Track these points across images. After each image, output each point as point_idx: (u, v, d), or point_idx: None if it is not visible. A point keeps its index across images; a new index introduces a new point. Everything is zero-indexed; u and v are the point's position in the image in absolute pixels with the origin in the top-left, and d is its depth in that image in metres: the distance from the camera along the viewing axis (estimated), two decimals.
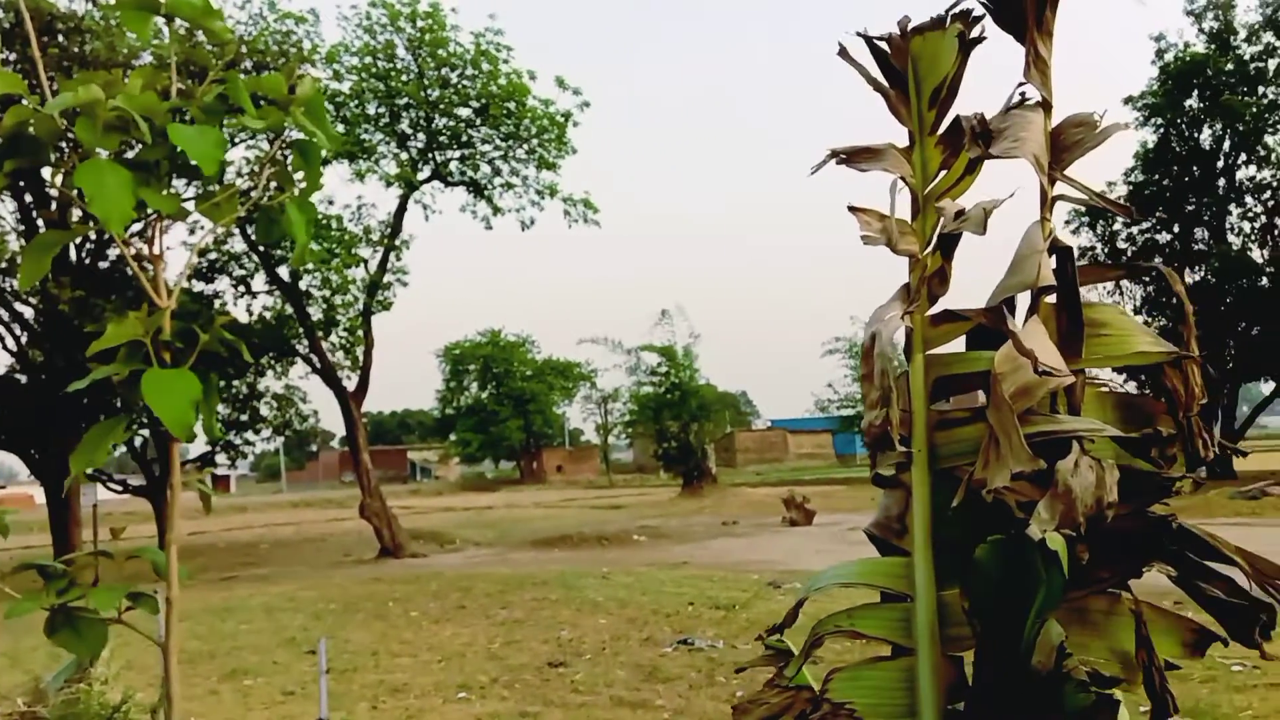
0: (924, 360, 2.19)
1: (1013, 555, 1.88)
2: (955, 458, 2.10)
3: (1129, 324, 2.18)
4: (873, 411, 2.08)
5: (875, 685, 2.11)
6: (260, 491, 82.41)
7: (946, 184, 2.27)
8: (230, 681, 10.21)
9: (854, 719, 2.06)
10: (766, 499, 34.25)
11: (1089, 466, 1.88)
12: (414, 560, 23.25)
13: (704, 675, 9.32)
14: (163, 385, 1.79)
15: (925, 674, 2.05)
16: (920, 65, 2.25)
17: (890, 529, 2.23)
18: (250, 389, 29.44)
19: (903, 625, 2.12)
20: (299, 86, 1.98)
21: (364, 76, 24.37)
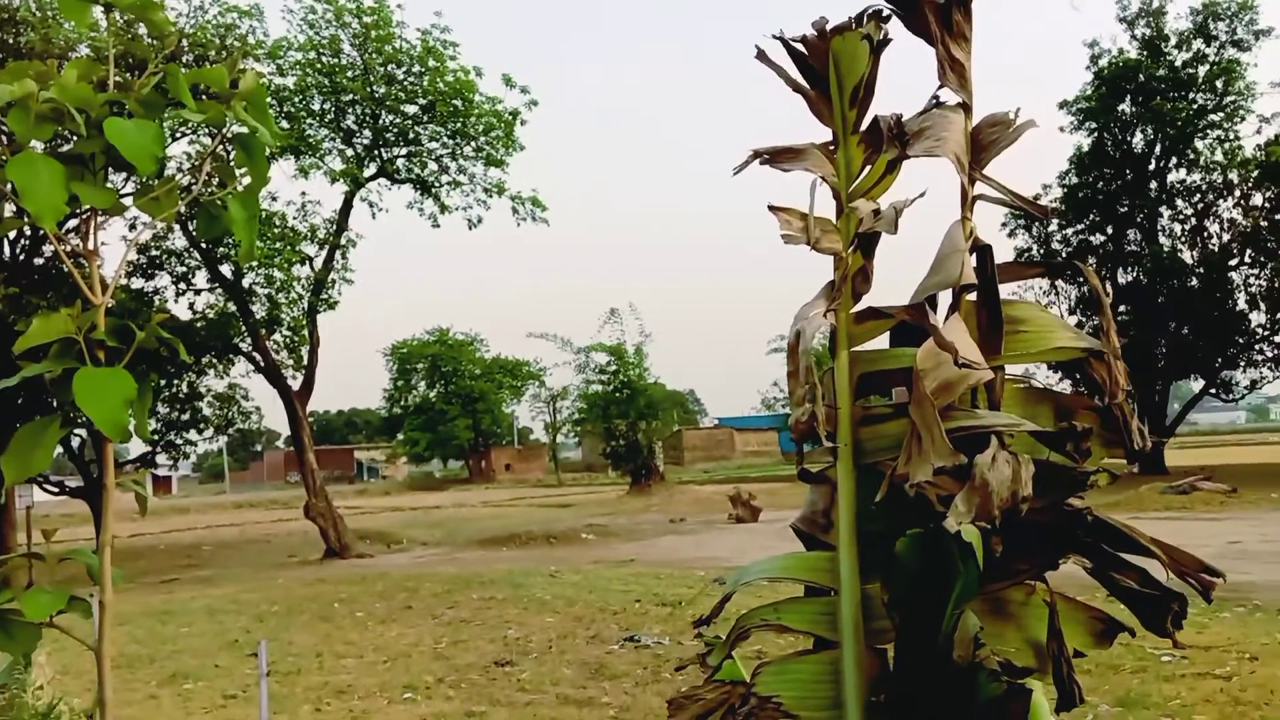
0: (848, 357, 2.22)
1: (932, 548, 1.90)
2: (879, 453, 2.12)
3: (1049, 320, 2.22)
4: (799, 408, 2.10)
5: (801, 678, 2.12)
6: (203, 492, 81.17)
7: (868, 183, 2.30)
8: (170, 685, 10.06)
9: (780, 712, 2.08)
10: (713, 496, 34.43)
11: (1005, 461, 1.90)
12: (360, 561, 23.05)
13: (650, 672, 9.36)
14: (95, 384, 1.75)
15: (849, 666, 2.07)
16: (840, 65, 2.27)
17: (816, 524, 2.26)
18: (191, 388, 29.00)
19: (827, 619, 2.14)
20: (241, 80, 1.95)
21: (309, 72, 24.08)
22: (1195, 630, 9.42)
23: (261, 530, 35.81)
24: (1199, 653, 8.68)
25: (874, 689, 2.06)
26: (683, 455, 69.50)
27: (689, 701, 2.32)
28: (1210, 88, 33.80)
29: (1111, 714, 7.09)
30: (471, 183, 25.78)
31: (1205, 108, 33.92)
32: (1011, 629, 2.09)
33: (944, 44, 2.22)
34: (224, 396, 30.57)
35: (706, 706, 2.28)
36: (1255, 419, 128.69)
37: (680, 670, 6.22)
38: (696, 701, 2.31)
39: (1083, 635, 2.11)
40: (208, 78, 1.95)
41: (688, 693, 2.34)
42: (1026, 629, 2.08)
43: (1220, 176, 34.35)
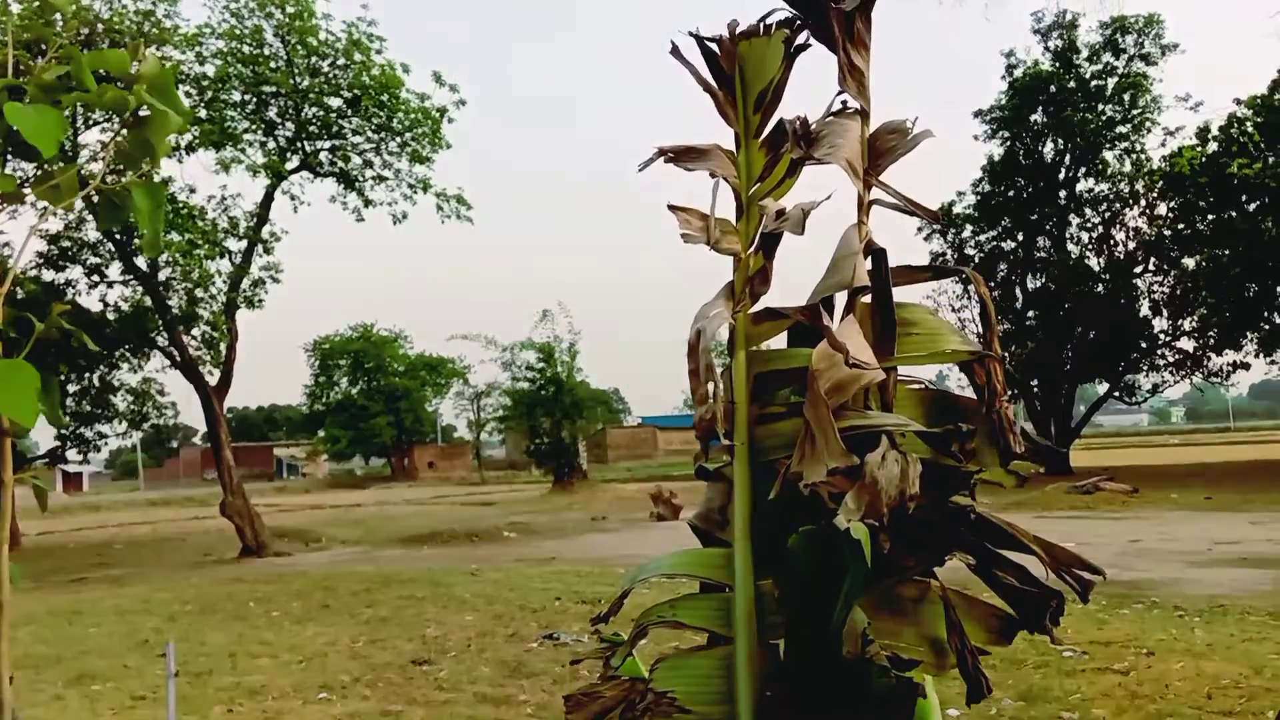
0: (745, 356, 2.27)
1: (822, 545, 1.92)
2: (774, 451, 2.15)
3: (939, 324, 2.28)
4: (700, 407, 2.12)
5: (696, 673, 2.15)
6: (116, 490, 79.02)
7: (769, 185, 2.34)
8: (77, 687, 9.84)
9: (675, 707, 2.11)
10: (636, 495, 34.56)
11: (895, 459, 1.95)
12: (278, 559, 22.69)
13: (569, 670, 9.40)
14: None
15: (742, 661, 2.10)
16: (746, 69, 2.31)
17: (712, 520, 2.29)
18: (103, 381, 28.30)
19: (722, 615, 2.17)
20: (144, 64, 1.91)
21: (230, 61, 23.60)
22: (1095, 626, 9.78)
23: (176, 529, 35.02)
24: (1099, 648, 9.00)
25: (766, 684, 2.09)
26: (607, 454, 69.65)
27: (588, 699, 2.32)
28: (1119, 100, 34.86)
29: (1015, 708, 7.33)
30: (396, 178, 25.54)
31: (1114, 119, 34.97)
32: (908, 627, 2.14)
33: (845, 50, 2.27)
34: (138, 391, 29.91)
35: (605, 704, 2.29)
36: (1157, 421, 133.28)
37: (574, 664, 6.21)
38: (596, 699, 2.31)
39: (983, 632, 2.16)
40: (109, 61, 1.90)
41: (586, 690, 2.35)
42: (924, 626, 2.13)
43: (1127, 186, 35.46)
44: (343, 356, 71.74)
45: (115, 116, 1.98)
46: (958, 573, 2.16)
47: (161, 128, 1.96)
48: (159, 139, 1.97)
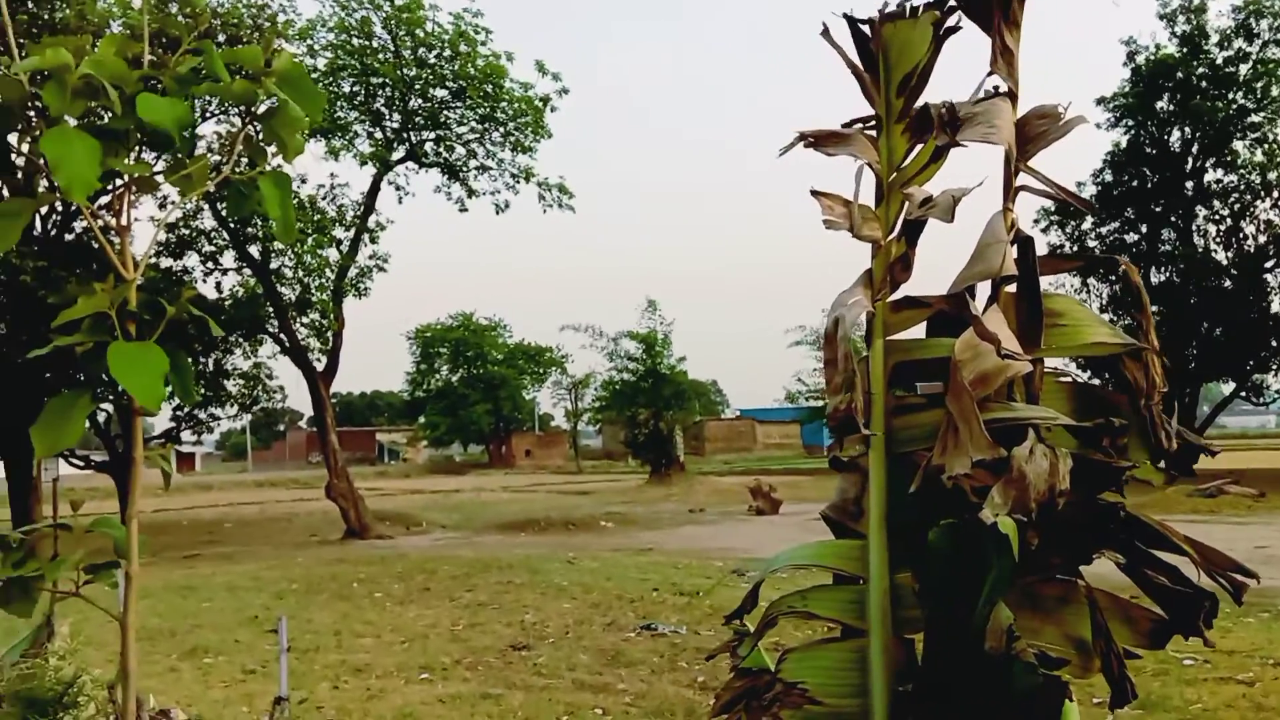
0: (884, 346, 2.20)
1: (965, 539, 1.88)
2: (913, 442, 2.10)
3: (1087, 315, 2.19)
4: (836, 396, 2.08)
5: (826, 665, 2.12)
6: (226, 470, 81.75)
7: (912, 171, 2.26)
8: (190, 659, 10.15)
9: (805, 698, 2.08)
10: (733, 488, 34.36)
11: (1043, 454, 1.89)
12: (379, 542, 23.17)
13: (666, 660, 9.37)
14: (129, 358, 1.75)
15: (876, 655, 2.06)
16: (891, 52, 2.24)
17: (846, 512, 2.25)
18: (217, 366, 29.19)
19: (855, 607, 2.13)
20: (275, 60, 1.95)
21: (339, 54, 24.12)
22: (1219, 634, 9.33)
23: (283, 509, 36.07)
24: (1222, 657, 8.60)
25: (901, 678, 2.05)
26: (704, 446, 69.36)
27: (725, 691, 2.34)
28: (1251, 88, 33.26)
29: (1132, 716, 7.02)
30: (499, 168, 25.82)
31: (1245, 108, 33.38)
32: (1050, 626, 2.07)
33: (1000, 32, 2.19)
34: (249, 375, 30.77)
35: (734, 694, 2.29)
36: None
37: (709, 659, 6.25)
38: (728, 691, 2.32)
39: (1132, 635, 2.09)
40: (243, 57, 1.94)
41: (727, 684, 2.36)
42: (1067, 626, 2.06)
43: (1258, 177, 33.83)
44: (443, 344, 72.81)
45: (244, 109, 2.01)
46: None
47: (291, 121, 2.00)
48: (288, 132, 2.01)
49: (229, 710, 7.79)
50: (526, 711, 7.89)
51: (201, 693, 8.69)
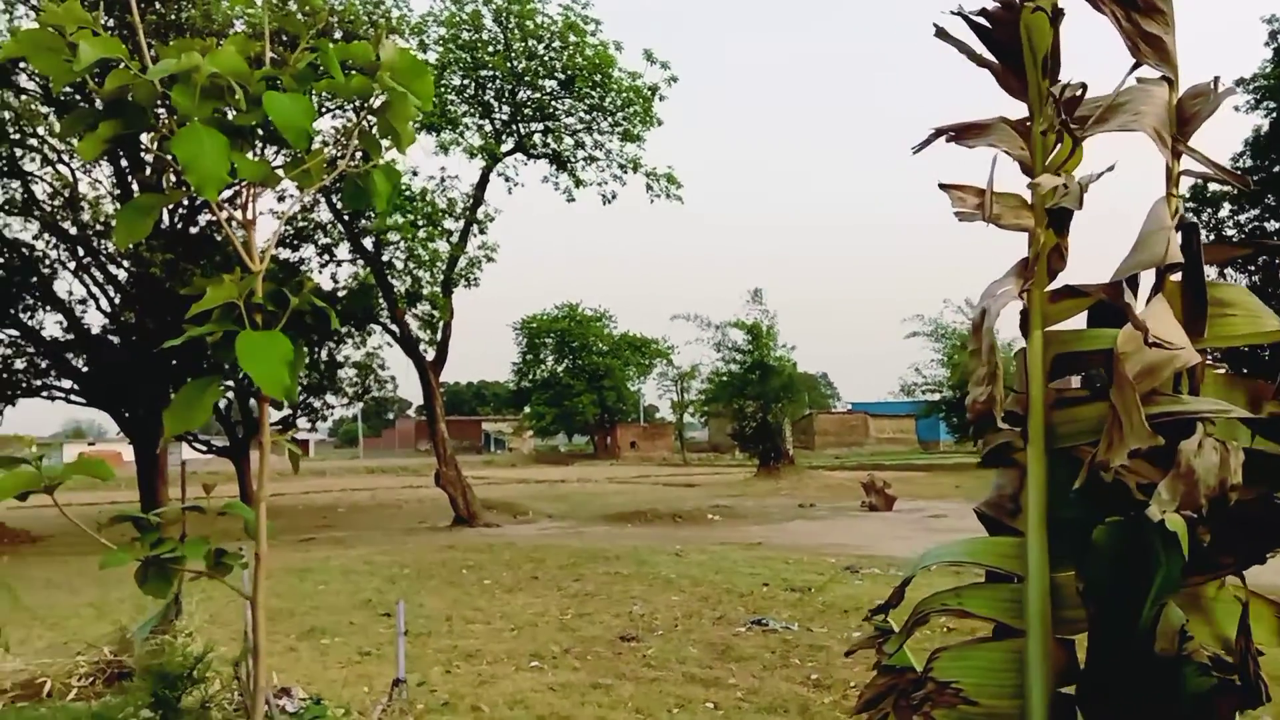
0: (1042, 337, 2.13)
1: (1131, 537, 1.86)
2: (1073, 437, 2.05)
3: (1257, 304, 2.11)
4: (979, 388, 2.05)
5: (982, 665, 2.07)
6: (338, 457, 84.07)
7: (1061, 157, 2.19)
8: (308, 639, 10.38)
9: (960, 698, 2.04)
10: (845, 483, 33.87)
11: (1213, 448, 1.84)
12: (487, 530, 23.46)
13: (778, 657, 9.21)
14: (257, 347, 1.81)
15: (1035, 656, 2.02)
16: (1034, 36, 2.17)
17: (1003, 508, 2.18)
18: (331, 356, 29.97)
19: (1012, 606, 2.08)
20: (383, 52, 1.99)
21: (450, 47, 24.42)
22: None
23: (393, 495, 36.86)
24: None
25: (1060, 679, 2.01)
26: (813, 440, 68.51)
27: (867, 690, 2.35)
28: None
29: None
30: (607, 158, 25.83)
31: None
32: (1201, 623, 2.00)
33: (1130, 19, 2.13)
34: (362, 365, 31.52)
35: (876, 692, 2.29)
36: None
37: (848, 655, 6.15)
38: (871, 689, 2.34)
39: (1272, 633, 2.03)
40: (354, 53, 1.99)
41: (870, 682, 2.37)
42: (1216, 624, 2.00)
43: None
44: (549, 335, 73.52)
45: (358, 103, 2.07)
46: None
47: (403, 113, 2.05)
48: (401, 124, 2.06)
49: (347, 690, 7.89)
50: (637, 703, 7.82)
51: (320, 672, 8.84)
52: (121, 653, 8.73)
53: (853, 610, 11.17)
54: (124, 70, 1.79)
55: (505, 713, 7.61)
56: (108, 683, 8.28)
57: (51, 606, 12.18)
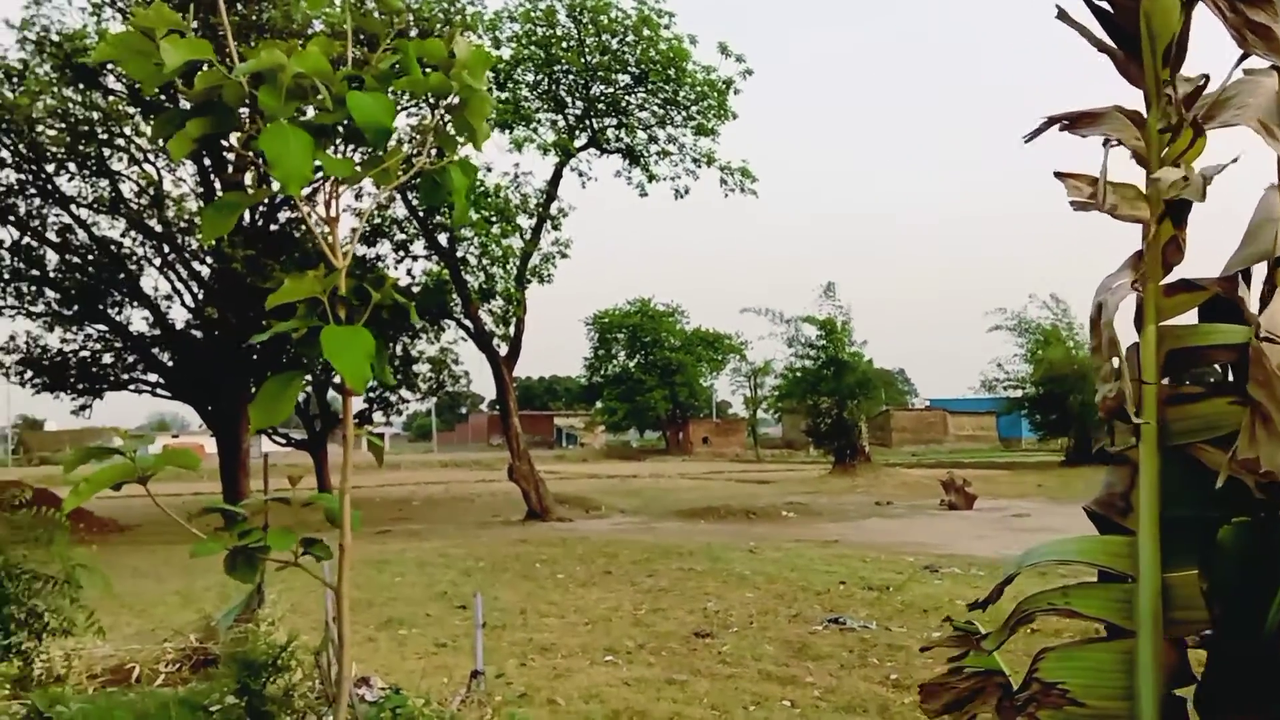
0: (1156, 332, 2.08)
1: (1260, 539, 1.82)
2: (1190, 434, 2.00)
3: None
4: (1106, 385, 2.02)
5: (1090, 666, 2.04)
6: (412, 450, 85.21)
7: (1180, 148, 2.13)
8: (386, 630, 10.50)
9: (1066, 699, 2.01)
10: (923, 480, 33.38)
11: None
12: (560, 524, 23.55)
13: (856, 656, 9.08)
14: (341, 341, 1.84)
15: (1146, 657, 1.98)
16: (1154, 23, 2.10)
17: (1113, 507, 2.13)
18: (405, 350, 30.36)
19: (1122, 606, 2.03)
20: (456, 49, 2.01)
21: (524, 44, 24.52)
22: None
23: (466, 489, 37.27)
24: None
25: (1172, 681, 1.96)
26: (890, 436, 67.57)
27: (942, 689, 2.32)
28: None
29: None
30: (680, 152, 25.72)
31: None
32: None
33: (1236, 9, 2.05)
34: (436, 360, 31.89)
35: (959, 695, 2.27)
36: None
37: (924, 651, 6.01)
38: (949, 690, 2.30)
39: None
40: (428, 50, 2.02)
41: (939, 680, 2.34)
42: None
43: None
44: (620, 330, 73.61)
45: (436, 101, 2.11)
46: None
47: (479, 109, 2.08)
48: (478, 120, 2.09)
49: (425, 681, 7.94)
50: (712, 699, 7.77)
51: (397, 663, 8.93)
52: (207, 640, 8.92)
53: (932, 610, 10.97)
54: (212, 71, 1.82)
55: (580, 706, 7.61)
56: (194, 669, 8.46)
57: (139, 594, 12.49)
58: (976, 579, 13.18)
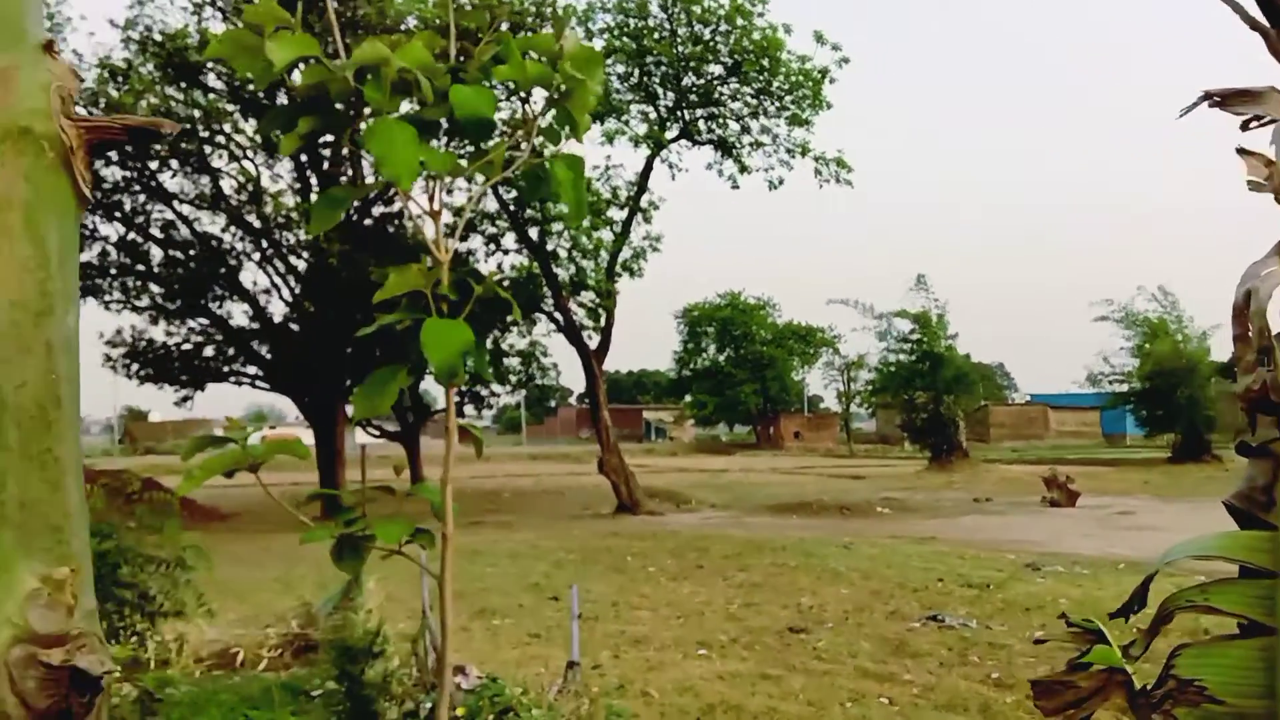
0: None
1: None
2: None
3: None
4: (1248, 375, 1.95)
5: (1229, 663, 1.98)
6: (501, 443, 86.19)
7: None
8: (480, 620, 10.60)
9: (1204, 696, 1.95)
10: (1023, 477, 32.57)
11: None
12: (650, 518, 23.56)
13: (956, 654, 8.87)
14: (440, 334, 1.86)
15: None
16: None
17: (1254, 501, 2.05)
18: (496, 344, 30.70)
19: (1264, 602, 1.96)
20: (565, 43, 2.03)
21: (616, 35, 24.52)
22: None
23: (556, 482, 37.52)
24: None
25: None
26: (989, 432, 66.04)
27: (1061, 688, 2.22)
28: None
29: None
30: (774, 143, 25.48)
31: None
32: None
33: None
34: (526, 353, 32.20)
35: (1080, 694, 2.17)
36: None
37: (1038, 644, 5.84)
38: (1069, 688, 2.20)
39: None
40: (537, 44, 2.04)
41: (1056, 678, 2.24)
42: None
43: None
44: (710, 323, 73.34)
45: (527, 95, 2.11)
46: None
47: (583, 102, 2.08)
48: (580, 113, 2.09)
49: (521, 671, 7.98)
50: (808, 695, 7.65)
51: (492, 652, 9.00)
52: (307, 626, 9.11)
53: (1035, 609, 10.66)
54: (318, 66, 1.83)
55: (675, 699, 7.56)
56: (295, 654, 8.65)
57: (240, 580, 12.82)
58: (1080, 578, 12.77)
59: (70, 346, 1.67)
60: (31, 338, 1.60)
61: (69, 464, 1.65)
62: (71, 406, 1.66)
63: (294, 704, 6.93)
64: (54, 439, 1.61)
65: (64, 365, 1.64)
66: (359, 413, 1.98)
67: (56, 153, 1.65)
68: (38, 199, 1.63)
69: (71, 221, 1.71)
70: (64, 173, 1.67)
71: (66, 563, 1.61)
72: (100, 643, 1.63)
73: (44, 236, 1.63)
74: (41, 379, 1.60)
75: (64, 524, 1.63)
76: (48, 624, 1.55)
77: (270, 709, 6.57)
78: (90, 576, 1.69)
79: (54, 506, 1.61)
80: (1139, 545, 16.03)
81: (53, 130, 1.65)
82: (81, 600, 1.62)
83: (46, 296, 1.61)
